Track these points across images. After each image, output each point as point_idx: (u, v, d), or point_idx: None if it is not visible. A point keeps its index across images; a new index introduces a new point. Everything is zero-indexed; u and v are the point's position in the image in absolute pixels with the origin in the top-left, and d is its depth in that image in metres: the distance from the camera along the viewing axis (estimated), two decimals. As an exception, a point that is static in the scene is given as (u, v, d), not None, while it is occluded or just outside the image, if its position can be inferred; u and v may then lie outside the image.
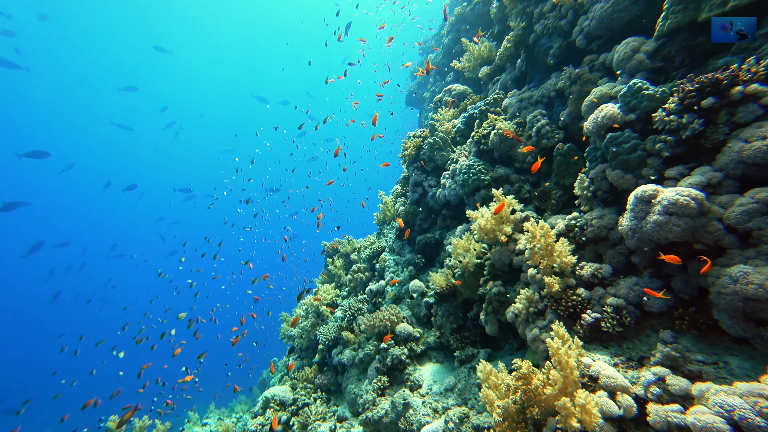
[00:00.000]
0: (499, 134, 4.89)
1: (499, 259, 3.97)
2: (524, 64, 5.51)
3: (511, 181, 4.82)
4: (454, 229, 5.99)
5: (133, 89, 30.04)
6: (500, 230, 3.93)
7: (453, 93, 8.16)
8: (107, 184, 31.96)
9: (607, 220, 3.07)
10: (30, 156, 18.48)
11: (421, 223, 6.67)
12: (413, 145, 6.92)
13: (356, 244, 9.53)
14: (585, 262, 3.16)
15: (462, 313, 4.91)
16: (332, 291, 8.20)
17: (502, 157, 5.06)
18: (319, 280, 9.89)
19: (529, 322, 3.25)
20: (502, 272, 4.03)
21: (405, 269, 6.44)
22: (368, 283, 7.29)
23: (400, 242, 7.12)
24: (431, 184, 6.63)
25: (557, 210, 4.20)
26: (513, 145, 4.84)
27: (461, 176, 5.37)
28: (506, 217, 3.99)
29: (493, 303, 3.93)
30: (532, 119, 4.62)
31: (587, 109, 3.66)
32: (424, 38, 19.72)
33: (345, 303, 7.16)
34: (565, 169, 4.09)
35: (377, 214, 8.99)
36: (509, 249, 3.92)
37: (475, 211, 4.22)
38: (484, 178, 5.05)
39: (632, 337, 2.63)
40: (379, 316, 5.41)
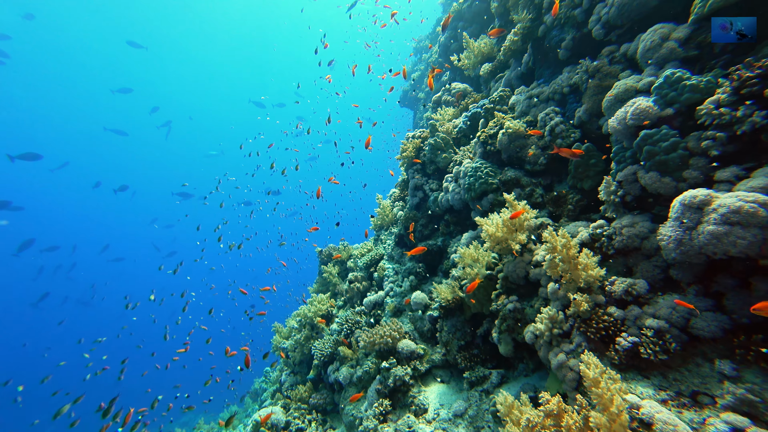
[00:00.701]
0: (508, 134, 4.52)
1: (514, 272, 3.58)
2: (531, 59, 5.17)
3: (521, 184, 4.46)
4: (457, 237, 5.61)
5: (128, 90, 29.38)
6: (513, 239, 3.55)
7: (452, 91, 7.81)
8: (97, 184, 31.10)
9: (639, 228, 2.70)
10: (22, 158, 18.07)
11: (421, 230, 6.28)
12: (412, 147, 6.54)
13: (352, 251, 9.11)
14: (615, 277, 2.79)
15: (470, 328, 4.51)
16: (327, 301, 7.76)
17: (511, 159, 4.70)
18: (314, 288, 9.44)
19: (553, 345, 2.87)
20: (516, 286, 3.65)
21: (406, 279, 6.03)
22: (366, 293, 6.87)
23: (399, 250, 6.72)
24: (432, 188, 6.25)
25: (574, 216, 3.84)
26: (523, 145, 4.48)
27: (466, 179, 5.00)
28: (520, 225, 3.61)
29: (507, 320, 3.55)
30: (545, 117, 4.27)
31: (609, 105, 3.31)
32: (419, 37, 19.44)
33: (341, 315, 6.73)
34: (583, 171, 3.73)
35: (374, 219, 8.59)
36: (524, 260, 3.54)
37: (485, 218, 3.84)
38: (492, 181, 4.68)
39: (679, 366, 2.25)
40: (379, 332, 4.99)
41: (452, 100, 7.66)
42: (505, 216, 3.63)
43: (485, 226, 3.72)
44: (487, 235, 3.71)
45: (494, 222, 3.72)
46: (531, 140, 4.45)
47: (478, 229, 4.96)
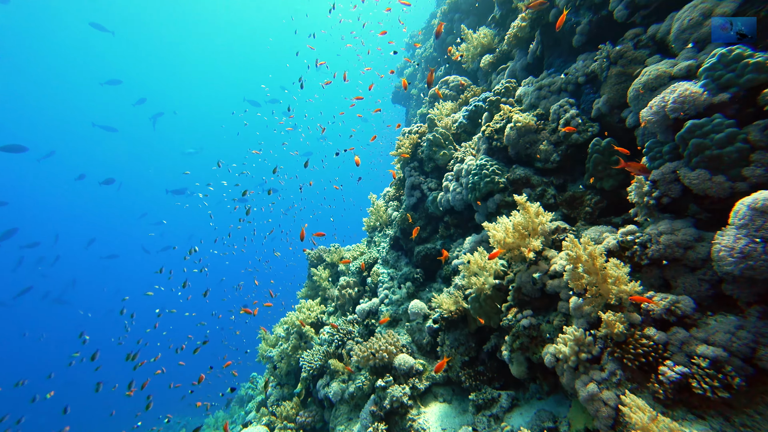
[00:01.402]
0: (517, 128, 4.11)
1: (528, 282, 3.17)
2: (540, 47, 4.76)
3: (531, 183, 4.05)
4: (459, 240, 5.19)
5: (116, 82, 28.25)
6: (526, 246, 3.13)
7: (450, 85, 7.39)
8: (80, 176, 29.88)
9: (681, 236, 2.30)
10: (6, 150, 17.47)
11: (419, 232, 5.84)
12: (409, 143, 6.09)
13: (344, 253, 8.62)
14: (652, 292, 2.39)
15: (475, 342, 4.09)
16: (317, 307, 7.27)
17: (519, 156, 4.29)
18: (302, 293, 8.93)
19: (580, 371, 2.45)
20: (530, 298, 3.23)
21: (402, 286, 5.59)
22: (358, 300, 6.40)
23: (395, 253, 6.27)
24: (431, 187, 5.82)
25: (593, 219, 3.44)
26: (534, 141, 4.07)
27: (470, 178, 4.57)
28: (533, 230, 3.19)
29: (521, 338, 3.13)
30: (558, 110, 3.86)
31: (635, 95, 2.91)
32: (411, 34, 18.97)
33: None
34: (604, 170, 3.33)
35: (367, 219, 8.12)
36: (540, 270, 3.12)
37: (493, 223, 3.41)
38: (498, 180, 4.26)
39: (745, 407, 1.85)
40: (374, 346, 4.53)
41: (451, 94, 7.23)
42: (516, 219, 3.21)
43: (493, 231, 3.29)
44: (496, 241, 3.29)
45: (503, 227, 3.29)
46: (543, 135, 4.04)
47: (482, 232, 4.55)
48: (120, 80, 28.60)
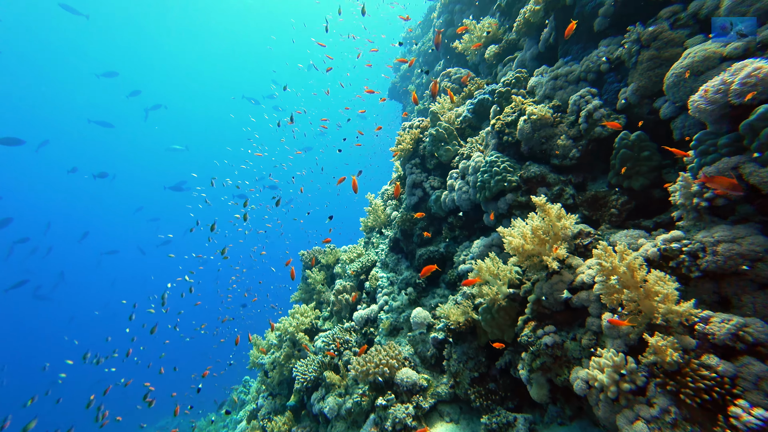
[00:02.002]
0: (531, 121, 3.72)
1: (550, 294, 2.79)
2: (554, 33, 4.38)
3: (548, 182, 3.67)
4: (465, 243, 4.80)
5: (113, 74, 27.42)
6: (548, 254, 2.75)
7: (453, 77, 6.99)
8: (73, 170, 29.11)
9: (748, 245, 1.93)
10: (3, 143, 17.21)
11: (421, 234, 5.44)
12: (410, 138, 5.68)
13: (340, 255, 8.21)
14: (708, 312, 2.02)
15: (485, 357, 3.72)
16: (311, 312, 6.86)
17: (533, 152, 3.91)
18: (296, 296, 8.51)
19: (621, 404, 2.08)
20: (551, 311, 2.86)
21: (403, 292, 5.20)
22: (356, 306, 6.00)
23: (395, 256, 5.87)
24: (434, 186, 5.42)
25: (619, 223, 3.07)
26: (550, 135, 3.69)
27: (479, 176, 4.18)
28: (555, 235, 2.81)
29: (542, 357, 2.75)
30: (578, 101, 3.48)
31: (675, 81, 2.54)
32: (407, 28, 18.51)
33: (328, 332, 5.84)
34: (633, 167, 2.96)
35: (364, 219, 7.72)
36: (563, 280, 2.75)
37: (509, 229, 3.03)
38: (510, 178, 3.88)
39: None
40: (374, 359, 4.14)
41: (454, 87, 6.83)
42: (534, 223, 2.83)
43: (509, 238, 2.91)
44: (512, 248, 2.90)
45: (521, 231, 2.91)
46: (560, 129, 3.66)
47: (492, 234, 4.17)
48: (116, 72, 27.78)
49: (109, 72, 27.30)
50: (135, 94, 29.90)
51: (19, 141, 17.42)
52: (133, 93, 29.81)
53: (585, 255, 2.96)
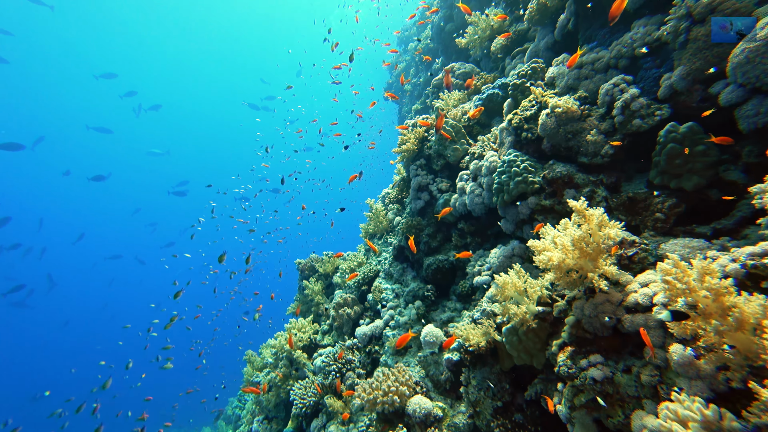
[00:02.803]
0: (556, 115, 3.30)
1: (593, 317, 2.35)
2: (573, 19, 3.97)
3: (576, 183, 3.24)
4: (478, 251, 4.36)
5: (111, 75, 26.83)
6: (593, 269, 2.31)
7: (457, 73, 6.58)
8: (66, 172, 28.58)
9: None
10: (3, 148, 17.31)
11: (428, 241, 5.00)
12: (415, 137, 5.25)
13: (339, 263, 7.75)
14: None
15: (509, 383, 3.27)
16: (309, 327, 6.38)
17: (556, 149, 3.49)
18: (293, 308, 8.02)
19: (707, 465, 1.64)
20: (594, 336, 2.42)
21: (410, 305, 4.74)
22: (358, 320, 5.53)
23: (400, 265, 5.42)
24: (441, 188, 4.99)
25: (666, 229, 2.65)
26: (578, 130, 3.27)
27: (495, 178, 3.75)
28: (597, 247, 2.38)
29: (587, 392, 2.31)
30: (611, 90, 3.06)
31: (749, 58, 2.13)
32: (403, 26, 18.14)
33: (328, 350, 5.36)
34: (684, 164, 2.54)
35: (364, 225, 7.26)
36: (611, 300, 2.31)
37: (542, 241, 2.59)
38: (532, 179, 3.45)
39: None
40: (381, 385, 3.67)
41: (458, 83, 6.43)
42: (574, 233, 2.39)
43: (546, 253, 2.47)
44: (547, 261, 2.47)
45: (556, 242, 2.47)
46: (589, 123, 3.24)
47: (511, 243, 3.73)
48: (115, 74, 27.24)
49: (107, 73, 26.80)
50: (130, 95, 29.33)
51: (20, 146, 17.26)
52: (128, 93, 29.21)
53: (629, 269, 2.53)
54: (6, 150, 17.30)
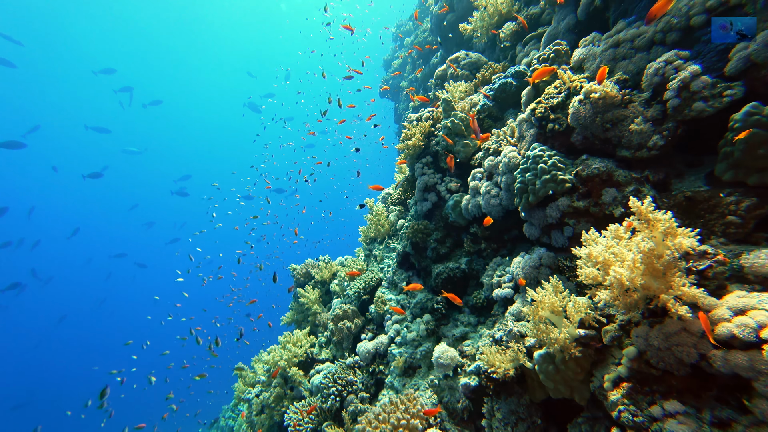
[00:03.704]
0: (591, 102, 2.81)
1: (665, 350, 1.86)
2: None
3: (616, 181, 2.75)
4: (496, 260, 3.87)
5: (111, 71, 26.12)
6: (666, 290, 1.82)
7: (462, 63, 6.08)
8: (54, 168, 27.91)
9: None
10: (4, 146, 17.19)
11: (436, 247, 4.50)
12: (420, 132, 4.74)
13: (337, 269, 7.23)
14: None
15: (541, 418, 2.78)
16: (305, 340, 5.84)
17: (590, 142, 3.00)
18: (288, 317, 7.48)
19: None
20: (662, 373, 1.92)
21: (418, 319, 4.24)
22: (359, 334, 5.01)
23: (405, 273, 4.91)
24: (451, 189, 4.49)
25: (743, 236, 2.17)
26: (619, 119, 2.77)
27: (517, 176, 3.26)
28: (667, 263, 1.88)
29: (659, 447, 1.82)
30: (661, 69, 2.58)
31: None
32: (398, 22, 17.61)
33: (329, 369, 4.84)
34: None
35: (364, 229, 6.75)
36: (690, 329, 1.82)
37: (602, 250, 2.09)
38: (562, 177, 2.96)
39: None
40: (390, 417, 3.16)
41: (464, 74, 5.93)
42: (643, 245, 1.89)
43: (614, 272, 1.98)
44: (595, 276, 1.98)
45: (629, 257, 1.98)
46: (631, 110, 2.75)
47: (536, 250, 3.24)
48: (114, 69, 26.51)
49: (106, 69, 26.14)
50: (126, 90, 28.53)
51: (21, 144, 17.24)
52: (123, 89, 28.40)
53: (702, 287, 2.04)
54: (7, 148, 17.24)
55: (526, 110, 3.61)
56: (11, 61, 22.94)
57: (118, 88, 28.37)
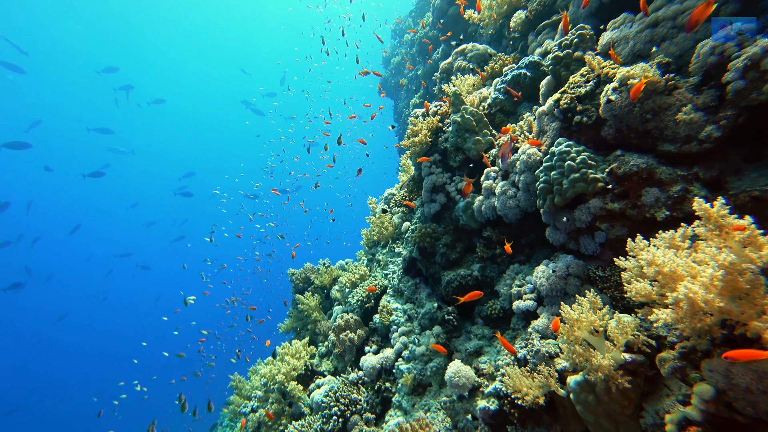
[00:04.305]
0: (628, 88, 2.45)
1: (760, 394, 1.50)
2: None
3: (659, 180, 2.40)
4: (513, 267, 3.51)
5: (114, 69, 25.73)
6: (751, 312, 1.47)
7: (469, 56, 5.72)
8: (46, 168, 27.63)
9: None
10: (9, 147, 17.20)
11: (446, 252, 4.14)
12: (428, 128, 4.38)
13: (336, 273, 6.87)
14: None
15: (576, 452, 2.42)
16: (305, 351, 5.48)
17: (624, 136, 2.64)
18: (286, 325, 7.13)
19: None
20: (753, 422, 1.57)
21: (427, 331, 3.88)
22: (363, 346, 4.66)
23: (411, 281, 4.55)
24: (461, 189, 4.13)
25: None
26: (663, 107, 2.42)
27: (540, 175, 2.90)
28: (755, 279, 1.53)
29: None
30: (719, 47, 2.22)
31: None
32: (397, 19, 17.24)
33: (328, 379, 4.48)
34: None
35: (366, 231, 6.39)
36: (779, 362, 1.46)
37: (632, 261, 1.74)
38: (594, 176, 2.60)
39: None
40: (398, 449, 2.81)
41: (470, 67, 5.57)
42: (724, 258, 1.53)
43: (692, 289, 1.62)
44: (648, 293, 1.63)
45: (683, 267, 1.62)
46: (677, 97, 2.39)
47: (562, 258, 2.89)
48: (117, 67, 26.12)
49: (109, 67, 25.72)
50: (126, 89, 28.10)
51: (26, 145, 17.22)
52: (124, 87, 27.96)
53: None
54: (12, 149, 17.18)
55: (546, 102, 3.26)
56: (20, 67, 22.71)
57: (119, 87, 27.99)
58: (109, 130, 28.46)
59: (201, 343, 9.45)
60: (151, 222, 36.03)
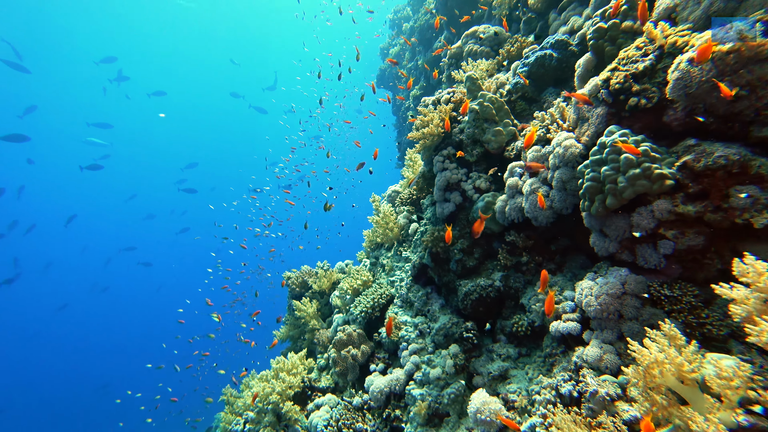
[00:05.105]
0: (718, 59, 1.92)
1: None
2: None
3: (756, 175, 1.89)
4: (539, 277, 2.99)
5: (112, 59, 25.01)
6: None
7: (482, 38, 5.16)
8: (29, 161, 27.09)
9: None
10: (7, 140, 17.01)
11: (463, 259, 3.62)
12: (440, 118, 3.83)
13: (336, 277, 6.35)
14: None
15: None
16: (301, 365, 4.97)
17: (695, 121, 2.12)
18: (282, 333, 6.60)
19: None
20: None
21: (442, 351, 3.37)
22: (367, 363, 4.14)
23: (422, 290, 4.03)
24: (480, 187, 3.60)
25: None
26: (761, 82, 1.90)
27: (585, 171, 2.38)
28: None
29: None
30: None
31: None
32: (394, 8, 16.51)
33: (328, 396, 3.97)
34: None
35: (369, 233, 5.86)
36: None
37: None
38: (659, 172, 2.09)
39: None
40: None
41: (484, 51, 5.02)
42: None
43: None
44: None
45: None
46: (776, 70, 1.87)
47: (614, 273, 2.37)
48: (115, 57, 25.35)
49: (108, 57, 24.95)
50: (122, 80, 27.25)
51: (24, 137, 17.08)
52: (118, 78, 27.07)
53: None
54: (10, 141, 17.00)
55: (588, 83, 2.72)
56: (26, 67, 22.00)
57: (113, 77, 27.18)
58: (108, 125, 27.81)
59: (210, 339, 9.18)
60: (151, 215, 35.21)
